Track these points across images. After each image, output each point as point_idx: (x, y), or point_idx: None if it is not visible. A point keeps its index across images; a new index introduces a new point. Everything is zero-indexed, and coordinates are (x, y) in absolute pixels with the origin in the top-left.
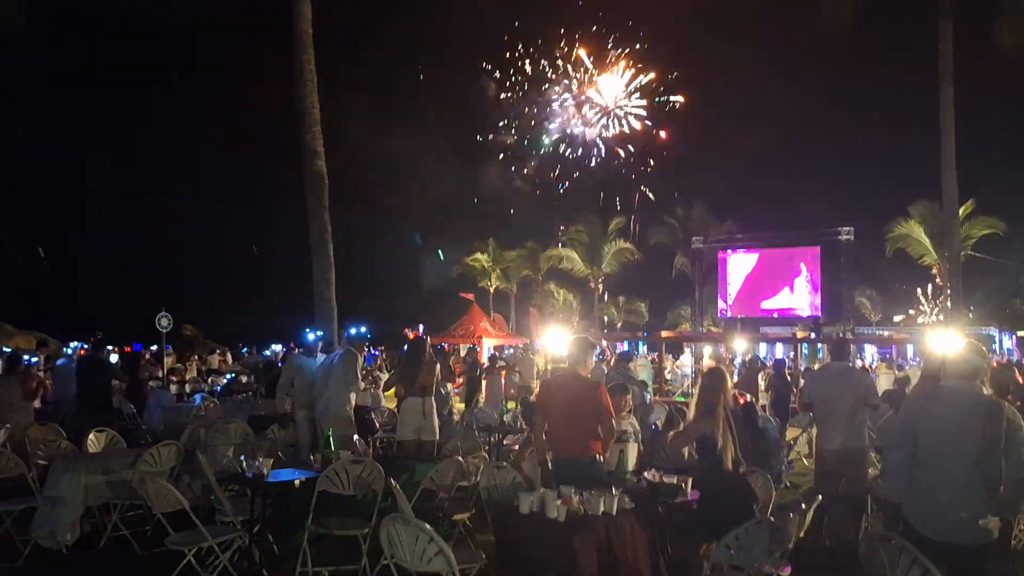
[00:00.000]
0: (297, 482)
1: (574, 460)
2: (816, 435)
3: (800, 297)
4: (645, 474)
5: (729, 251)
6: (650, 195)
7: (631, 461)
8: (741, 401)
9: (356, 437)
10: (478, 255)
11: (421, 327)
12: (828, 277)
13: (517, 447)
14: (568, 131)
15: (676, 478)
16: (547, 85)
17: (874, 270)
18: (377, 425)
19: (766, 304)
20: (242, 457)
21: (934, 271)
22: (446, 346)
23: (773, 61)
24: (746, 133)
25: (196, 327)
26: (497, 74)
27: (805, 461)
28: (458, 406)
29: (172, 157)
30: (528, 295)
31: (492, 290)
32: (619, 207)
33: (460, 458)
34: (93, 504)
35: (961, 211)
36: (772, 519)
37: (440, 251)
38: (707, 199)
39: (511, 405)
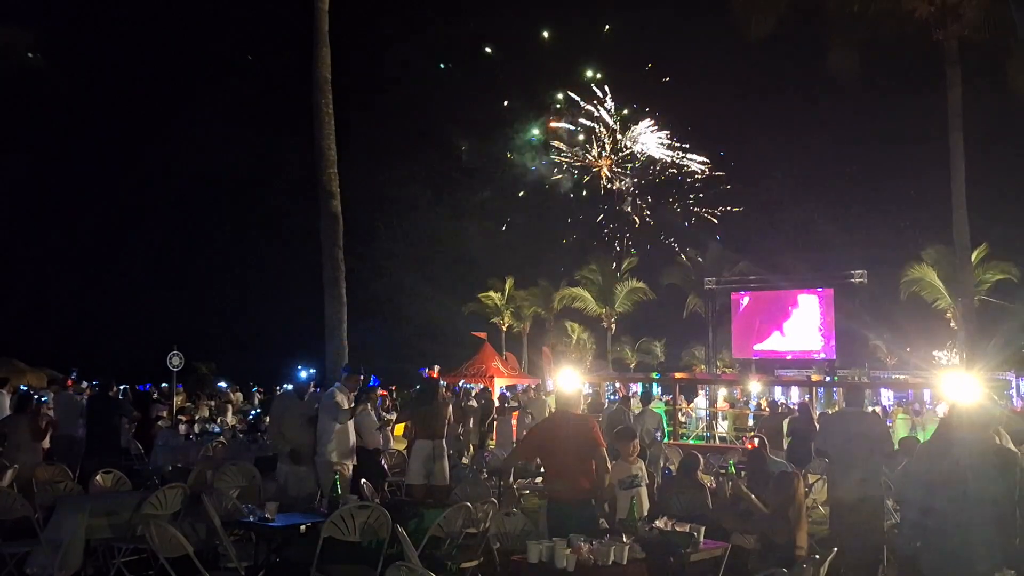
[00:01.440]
0: (303, 527)
1: (570, 503)
2: (831, 482)
3: (814, 340)
4: (656, 522)
5: (743, 293)
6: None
7: (644, 507)
8: (749, 446)
9: (364, 481)
10: (491, 293)
11: (437, 368)
12: (842, 320)
13: (527, 492)
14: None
15: (688, 527)
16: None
17: (889, 314)
18: (386, 468)
19: (779, 346)
20: (245, 506)
21: (948, 315)
22: (462, 389)
23: (786, 108)
24: (760, 177)
25: (211, 366)
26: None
27: (821, 509)
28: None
29: (187, 196)
30: (541, 333)
31: (504, 328)
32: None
33: (469, 504)
34: (92, 538)
35: (974, 256)
36: (785, 571)
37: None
38: (721, 240)
39: None
